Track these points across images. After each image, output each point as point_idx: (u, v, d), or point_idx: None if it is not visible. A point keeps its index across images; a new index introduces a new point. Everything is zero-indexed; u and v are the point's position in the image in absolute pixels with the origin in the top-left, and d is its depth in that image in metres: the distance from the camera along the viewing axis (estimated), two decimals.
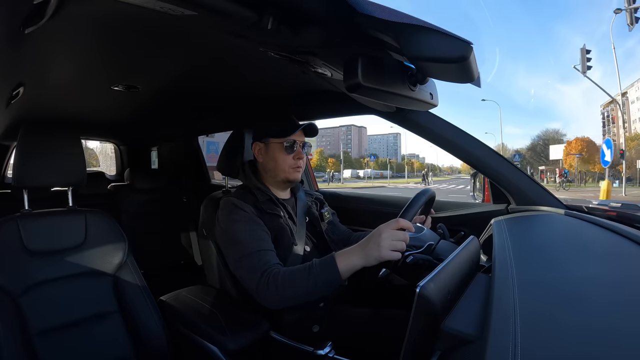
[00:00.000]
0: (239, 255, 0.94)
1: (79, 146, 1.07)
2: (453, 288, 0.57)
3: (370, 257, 0.81)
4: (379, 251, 0.79)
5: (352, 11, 0.54)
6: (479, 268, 0.76)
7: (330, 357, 0.87)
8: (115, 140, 2.77)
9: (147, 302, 1.02)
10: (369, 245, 0.81)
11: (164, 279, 1.54)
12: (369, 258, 0.81)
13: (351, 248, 0.85)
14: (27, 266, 0.91)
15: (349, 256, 0.83)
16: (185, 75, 1.15)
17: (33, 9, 0.61)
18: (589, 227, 0.84)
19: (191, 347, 1.00)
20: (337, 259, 0.84)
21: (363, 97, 0.75)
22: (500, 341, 0.40)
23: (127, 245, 1.06)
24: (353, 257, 0.83)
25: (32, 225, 0.95)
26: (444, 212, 1.33)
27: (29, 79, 1.05)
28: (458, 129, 1.06)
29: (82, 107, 1.58)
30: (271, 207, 1.06)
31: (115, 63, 1.02)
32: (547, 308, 0.47)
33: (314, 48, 0.76)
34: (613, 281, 0.55)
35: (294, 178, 1.11)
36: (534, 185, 1.07)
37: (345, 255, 0.84)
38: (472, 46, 0.56)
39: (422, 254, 0.92)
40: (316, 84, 1.12)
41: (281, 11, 0.62)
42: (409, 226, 0.82)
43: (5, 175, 2.47)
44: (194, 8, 0.59)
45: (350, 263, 0.82)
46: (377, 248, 0.80)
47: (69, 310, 0.94)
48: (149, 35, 0.81)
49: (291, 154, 1.09)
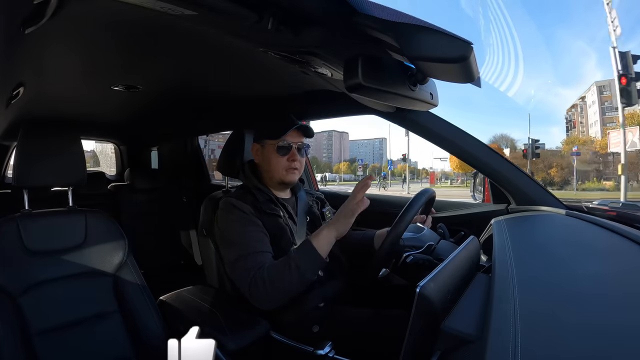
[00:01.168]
0: (234, 256, 0.96)
1: (79, 146, 1.07)
2: (453, 288, 0.57)
3: (339, 224, 0.90)
4: (344, 210, 0.89)
5: (352, 11, 0.54)
6: (479, 268, 0.76)
7: (330, 357, 0.87)
8: (115, 140, 2.77)
9: (147, 302, 1.02)
10: (336, 215, 0.91)
11: (164, 279, 1.54)
12: (339, 225, 0.90)
13: (321, 226, 0.94)
14: (27, 266, 0.91)
15: (319, 232, 0.91)
16: (185, 75, 1.15)
17: (33, 9, 0.61)
18: (589, 227, 0.84)
19: None
20: (312, 239, 0.90)
21: (363, 97, 0.75)
22: (500, 341, 0.40)
23: (127, 245, 1.06)
24: (323, 231, 0.91)
25: (32, 225, 0.95)
26: (444, 212, 1.33)
27: (29, 79, 1.05)
28: (458, 129, 1.06)
29: (82, 107, 1.58)
30: (271, 207, 1.06)
31: (115, 63, 1.02)
32: (547, 308, 0.47)
33: (314, 48, 0.76)
34: (613, 281, 0.55)
35: (288, 180, 1.09)
36: (534, 185, 1.07)
37: (316, 234, 0.91)
38: (472, 46, 0.56)
39: (422, 254, 0.92)
40: (316, 84, 1.12)
41: (281, 11, 0.62)
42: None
43: (5, 175, 2.47)
44: (194, 8, 0.59)
45: (323, 237, 0.90)
46: (342, 212, 0.90)
47: (69, 310, 0.94)
48: (149, 35, 0.81)
49: (285, 156, 1.07)
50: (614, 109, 23.27)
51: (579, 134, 26.74)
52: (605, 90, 24.63)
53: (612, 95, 22.69)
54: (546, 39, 42.50)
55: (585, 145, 24.98)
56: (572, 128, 27.79)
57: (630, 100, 8.82)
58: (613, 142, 21.37)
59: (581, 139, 26.17)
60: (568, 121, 28.63)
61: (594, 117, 25.45)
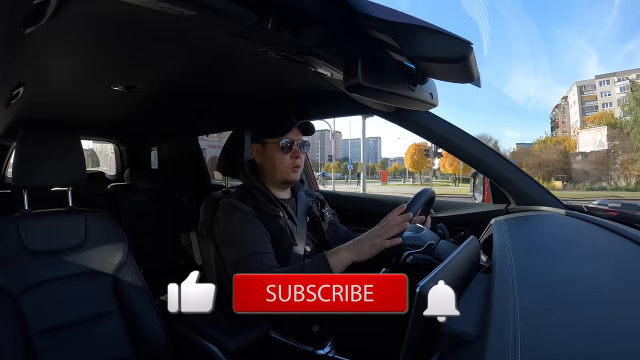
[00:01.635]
0: (236, 257, 0.96)
1: (79, 146, 1.07)
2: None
3: (362, 252, 0.87)
4: (374, 241, 0.86)
5: (353, 11, 0.54)
6: (479, 268, 0.76)
7: (330, 357, 0.87)
8: (115, 140, 2.76)
9: (147, 302, 1.02)
10: (361, 240, 0.88)
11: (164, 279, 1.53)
12: (361, 252, 0.87)
13: (342, 245, 0.91)
14: (27, 266, 0.91)
15: (338, 252, 0.89)
16: (185, 75, 1.15)
17: (33, 9, 0.61)
18: (588, 227, 0.84)
19: (191, 347, 1.00)
20: (328, 256, 0.88)
21: (363, 97, 0.75)
22: (500, 341, 0.40)
23: (127, 245, 1.06)
24: (342, 252, 0.88)
25: (32, 225, 0.95)
26: (444, 212, 1.33)
27: (29, 79, 1.05)
28: (458, 129, 1.06)
29: (82, 107, 1.58)
30: (270, 207, 1.06)
31: (115, 63, 1.02)
32: (547, 308, 0.47)
33: (314, 48, 0.76)
34: (613, 281, 0.55)
35: (292, 178, 1.10)
36: (534, 185, 1.07)
37: (335, 252, 0.89)
38: (472, 46, 0.56)
39: (422, 254, 0.92)
40: (316, 84, 1.12)
41: (281, 11, 0.62)
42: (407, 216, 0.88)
43: (5, 175, 2.47)
44: (194, 8, 0.59)
45: (341, 258, 0.88)
46: (371, 242, 0.86)
47: (69, 310, 0.94)
48: (149, 35, 0.81)
49: (288, 154, 1.08)
50: (594, 108, 23.71)
51: (562, 134, 27.09)
52: (587, 90, 24.81)
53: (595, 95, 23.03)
54: (546, 38, 42.59)
55: (557, 144, 25.58)
56: (557, 128, 28.09)
57: None
58: (582, 141, 21.96)
59: (554, 139, 26.71)
60: (552, 121, 28.96)
61: (575, 117, 25.70)
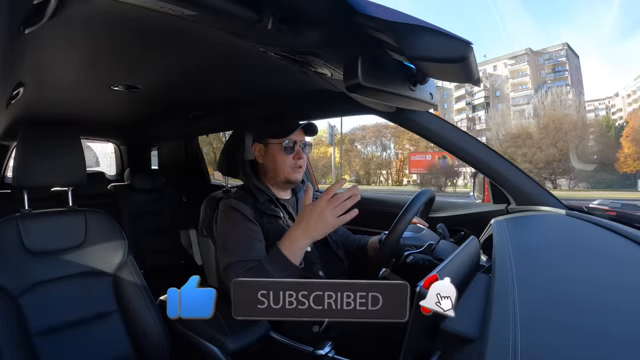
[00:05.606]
0: (225, 264, 0.97)
1: (79, 146, 1.07)
2: None
3: (317, 233, 0.88)
4: (329, 222, 0.87)
5: (352, 11, 0.54)
6: (479, 268, 0.76)
7: (330, 357, 0.87)
8: (115, 140, 2.76)
9: (147, 302, 1.02)
10: (312, 221, 0.88)
11: (164, 278, 1.54)
12: (316, 234, 0.88)
13: (291, 233, 0.90)
14: (27, 266, 0.91)
15: (292, 241, 0.89)
16: (185, 75, 1.15)
17: (33, 9, 0.61)
18: (588, 227, 0.84)
19: (191, 347, 1.00)
20: (282, 248, 0.90)
21: (363, 97, 0.75)
22: (500, 341, 0.40)
23: (127, 245, 1.06)
24: (297, 240, 0.89)
25: (32, 225, 0.95)
26: (444, 212, 1.33)
27: (29, 79, 1.05)
28: (458, 129, 1.07)
29: (82, 107, 1.58)
30: (270, 208, 1.06)
31: (115, 63, 1.02)
32: (547, 308, 0.47)
33: (314, 48, 0.76)
34: (613, 281, 0.55)
35: (294, 179, 1.10)
36: (534, 185, 1.07)
37: (289, 241, 0.90)
38: (472, 46, 0.56)
39: (422, 254, 0.92)
40: (316, 84, 1.12)
41: (281, 11, 0.62)
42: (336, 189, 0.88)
43: (5, 175, 2.47)
44: (194, 8, 0.59)
45: (296, 246, 0.89)
46: (324, 221, 0.87)
47: (69, 310, 0.94)
48: (149, 35, 0.81)
49: (291, 154, 1.08)
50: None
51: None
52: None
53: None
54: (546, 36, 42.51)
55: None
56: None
57: None
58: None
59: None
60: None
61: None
